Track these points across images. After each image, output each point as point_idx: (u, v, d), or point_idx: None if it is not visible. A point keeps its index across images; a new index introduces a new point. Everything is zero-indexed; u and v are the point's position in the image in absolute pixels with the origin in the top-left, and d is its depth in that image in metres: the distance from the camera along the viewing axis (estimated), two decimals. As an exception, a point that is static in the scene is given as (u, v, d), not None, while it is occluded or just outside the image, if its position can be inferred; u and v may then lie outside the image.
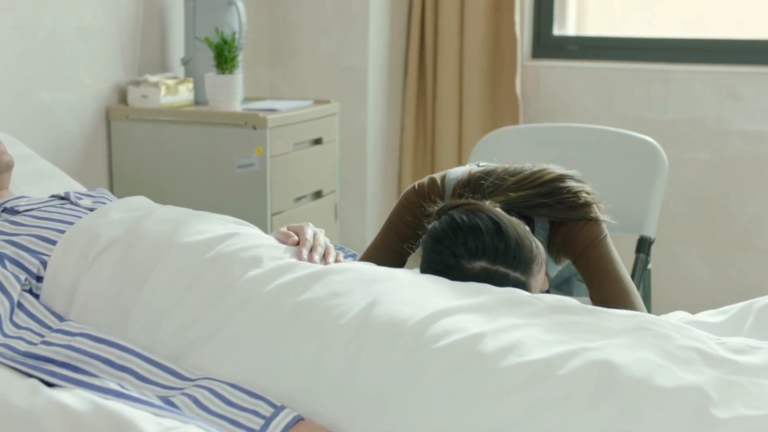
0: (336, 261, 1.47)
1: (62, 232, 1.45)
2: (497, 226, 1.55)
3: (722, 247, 3.41)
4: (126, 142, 2.65)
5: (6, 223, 1.48)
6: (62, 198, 1.62)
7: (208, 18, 2.76)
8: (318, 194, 2.82)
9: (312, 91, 3.36)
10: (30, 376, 1.22)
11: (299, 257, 1.44)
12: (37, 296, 1.39)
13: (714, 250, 3.42)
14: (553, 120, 3.61)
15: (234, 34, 2.57)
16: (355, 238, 3.31)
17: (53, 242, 1.43)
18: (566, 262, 1.87)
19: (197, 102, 2.81)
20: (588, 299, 1.73)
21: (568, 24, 3.69)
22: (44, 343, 1.27)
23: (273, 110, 2.61)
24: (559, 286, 2.08)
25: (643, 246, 2.26)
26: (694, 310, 1.70)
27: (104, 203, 1.63)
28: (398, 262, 1.80)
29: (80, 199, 1.61)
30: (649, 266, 2.27)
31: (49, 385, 1.21)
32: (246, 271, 1.36)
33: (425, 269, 1.56)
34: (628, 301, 1.66)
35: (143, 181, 2.60)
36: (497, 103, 3.58)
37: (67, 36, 2.49)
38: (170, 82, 2.68)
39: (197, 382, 1.24)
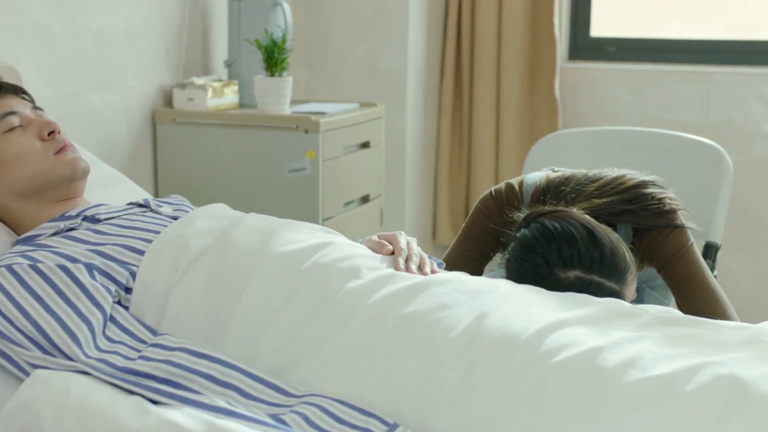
0: (431, 270, 1.43)
1: (148, 241, 1.41)
2: (591, 234, 1.50)
3: (764, 252, 3.37)
4: (172, 145, 2.60)
5: (89, 232, 1.43)
6: (141, 206, 1.57)
7: (253, 19, 2.71)
8: (365, 199, 2.77)
9: (349, 94, 3.31)
10: (131, 392, 1.18)
11: (396, 267, 1.40)
12: (126, 308, 1.34)
13: (754, 254, 3.38)
14: (591, 123, 3.56)
15: (284, 35, 2.52)
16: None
17: (140, 252, 1.39)
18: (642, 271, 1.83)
19: (242, 105, 2.76)
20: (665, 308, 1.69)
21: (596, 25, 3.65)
22: (142, 358, 1.22)
23: (322, 113, 2.56)
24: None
25: (710, 252, 2.21)
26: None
27: (186, 211, 1.58)
28: (477, 270, 1.76)
29: (160, 206, 1.57)
30: (715, 272, 2.23)
31: (153, 402, 1.16)
32: (345, 282, 1.32)
33: (515, 278, 1.52)
34: (721, 310, 1.62)
35: (189, 185, 2.55)
36: (535, 106, 3.54)
37: (115, 38, 2.44)
38: (216, 84, 2.63)
39: (305, 399, 1.19)
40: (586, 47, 3.64)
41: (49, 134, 1.54)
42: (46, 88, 2.20)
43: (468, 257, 1.75)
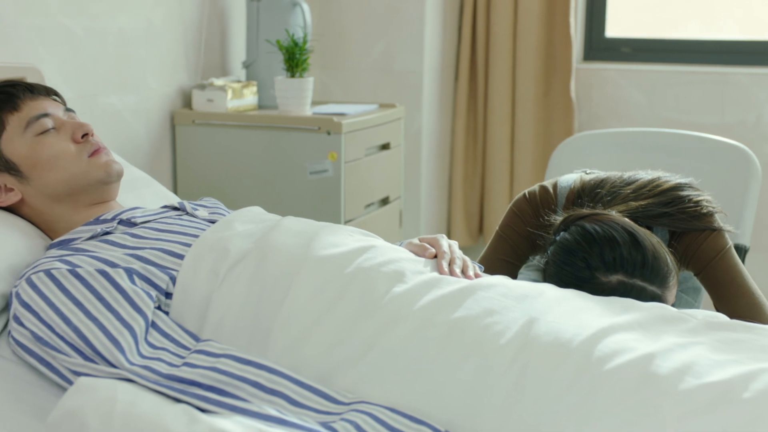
0: (474, 274, 1.41)
1: (187, 245, 1.38)
2: (633, 237, 1.48)
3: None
4: (191, 146, 2.57)
5: (126, 236, 1.41)
6: (176, 209, 1.55)
7: (272, 20, 2.68)
8: (385, 201, 2.75)
9: (365, 95, 3.29)
10: (177, 400, 1.16)
11: (440, 271, 1.38)
12: (165, 313, 1.32)
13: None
14: (605, 124, 3.54)
15: (305, 36, 2.50)
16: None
17: (179, 256, 1.36)
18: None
19: (260, 106, 2.74)
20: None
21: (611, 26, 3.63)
22: (187, 365, 1.20)
23: (342, 114, 2.54)
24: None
25: (739, 254, 2.19)
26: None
27: (221, 214, 1.56)
28: (512, 273, 1.74)
29: (196, 209, 1.54)
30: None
31: (201, 410, 1.14)
32: (391, 287, 1.29)
33: (555, 282, 1.50)
34: (762, 313, 1.60)
35: (210, 187, 2.53)
36: (550, 108, 3.52)
37: (134, 39, 2.42)
38: (236, 85, 2.61)
39: (354, 407, 1.17)
40: (601, 48, 3.62)
41: (82, 137, 1.52)
42: (66, 89, 2.18)
43: (503, 260, 1.73)
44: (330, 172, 2.43)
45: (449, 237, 3.64)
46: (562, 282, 1.49)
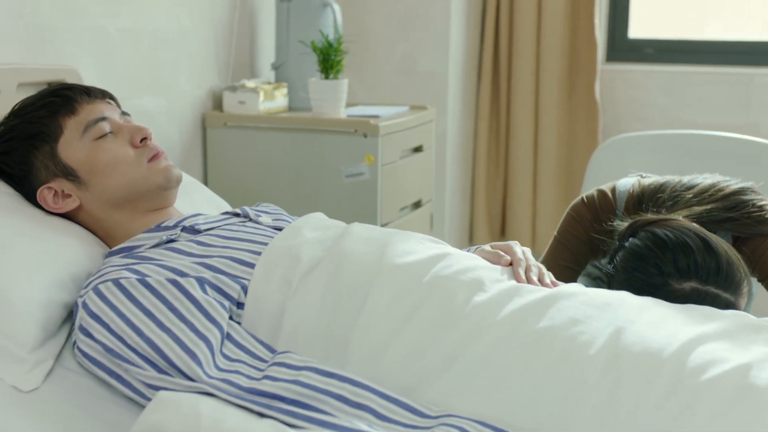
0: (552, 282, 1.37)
1: (256, 253, 1.34)
2: (706, 243, 1.45)
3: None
4: (223, 149, 2.53)
5: (192, 244, 1.37)
6: (238, 215, 1.51)
7: (303, 20, 2.64)
8: (417, 204, 2.71)
9: (389, 96, 3.25)
10: (261, 414, 1.12)
11: (517, 279, 1.34)
12: (237, 323, 1.28)
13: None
14: (628, 125, 3.51)
15: (340, 37, 2.46)
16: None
17: (249, 264, 1.32)
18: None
19: (291, 108, 2.70)
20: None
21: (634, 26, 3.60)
22: (268, 378, 1.16)
23: (376, 117, 2.50)
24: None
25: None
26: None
27: (286, 221, 1.52)
28: (573, 278, 1.71)
29: (259, 216, 1.50)
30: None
31: (287, 425, 1.10)
32: (471, 296, 1.26)
33: (624, 288, 1.46)
34: (832, 321, 1.57)
35: (242, 190, 2.49)
36: (574, 109, 3.48)
37: (166, 40, 2.38)
38: (267, 87, 2.57)
39: (442, 420, 1.13)
40: (624, 49, 3.59)
41: (141, 140, 1.48)
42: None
43: (563, 266, 1.70)
44: (366, 175, 2.39)
45: (471, 239, 3.61)
46: (633, 288, 1.45)
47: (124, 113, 1.53)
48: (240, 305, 1.29)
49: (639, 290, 1.44)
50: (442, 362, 1.19)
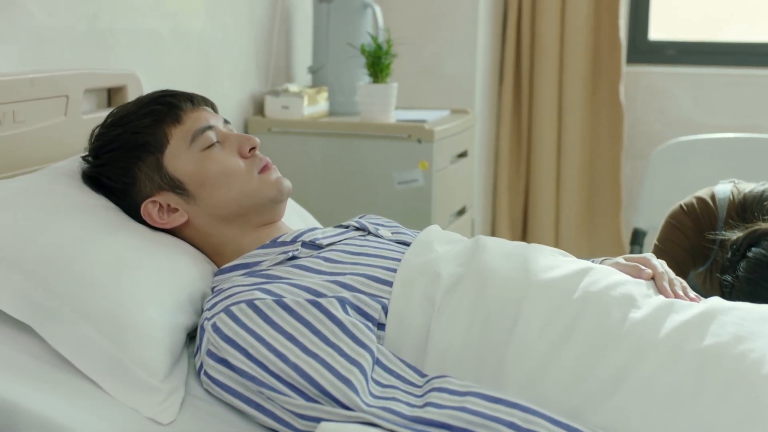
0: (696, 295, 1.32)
1: (391, 270, 1.26)
2: (837, 253, 1.41)
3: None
4: (267, 155, 2.43)
5: (319, 260, 1.28)
6: (357, 228, 1.43)
7: (343, 23, 2.57)
8: (461, 211, 2.65)
9: (414, 98, 3.18)
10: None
11: (664, 293, 1.28)
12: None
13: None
14: (650, 127, 3.49)
15: (389, 40, 2.39)
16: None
17: (385, 282, 1.24)
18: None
19: (331, 112, 2.62)
20: None
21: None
22: (431, 404, 1.09)
23: (423, 121, 2.43)
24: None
25: None
26: None
27: (405, 233, 1.44)
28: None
29: (378, 229, 1.42)
30: None
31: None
32: (626, 313, 1.20)
33: (749, 299, 1.42)
34: None
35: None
36: (597, 112, 3.45)
37: (213, 44, 2.28)
38: (310, 91, 2.49)
39: (619, 447, 1.07)
40: (645, 50, 3.56)
41: (250, 150, 1.39)
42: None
43: (668, 277, 1.65)
44: (420, 181, 2.32)
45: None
46: (759, 300, 1.41)
47: (226, 122, 1.44)
48: (381, 326, 1.21)
49: (765, 300, 1.40)
50: (608, 385, 1.13)
